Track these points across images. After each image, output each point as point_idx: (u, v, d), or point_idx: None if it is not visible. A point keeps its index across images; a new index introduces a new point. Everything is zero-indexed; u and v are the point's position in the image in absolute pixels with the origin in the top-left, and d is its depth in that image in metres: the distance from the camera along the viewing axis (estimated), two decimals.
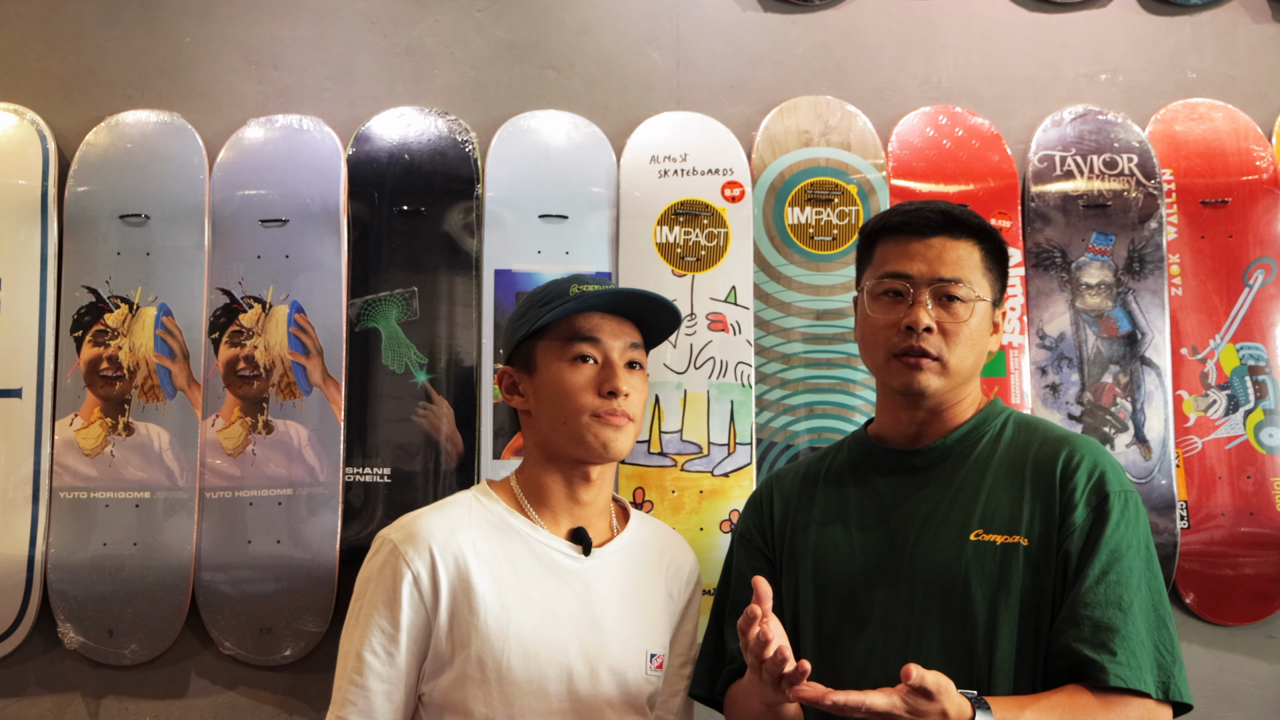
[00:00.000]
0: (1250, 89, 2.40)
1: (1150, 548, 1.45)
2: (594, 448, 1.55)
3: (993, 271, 1.55)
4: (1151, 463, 2.20)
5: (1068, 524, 1.44)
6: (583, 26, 2.39)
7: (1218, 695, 2.22)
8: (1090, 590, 1.39)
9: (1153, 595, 1.42)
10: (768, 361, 2.25)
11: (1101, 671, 1.35)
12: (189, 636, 2.18)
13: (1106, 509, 1.43)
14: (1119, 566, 1.40)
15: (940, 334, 1.50)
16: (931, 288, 1.50)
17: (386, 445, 2.19)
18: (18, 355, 2.19)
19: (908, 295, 1.51)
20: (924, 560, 1.47)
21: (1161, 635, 1.40)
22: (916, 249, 1.52)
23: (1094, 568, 1.40)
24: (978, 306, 1.51)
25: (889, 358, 1.52)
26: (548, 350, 1.58)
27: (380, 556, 1.54)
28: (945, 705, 1.26)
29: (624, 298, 1.61)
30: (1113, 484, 1.45)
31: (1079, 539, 1.43)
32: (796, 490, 1.64)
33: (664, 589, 1.65)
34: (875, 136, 2.33)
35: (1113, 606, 1.38)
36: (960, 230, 1.53)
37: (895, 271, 1.53)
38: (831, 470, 1.64)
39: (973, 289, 1.51)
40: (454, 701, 1.50)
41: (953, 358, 1.50)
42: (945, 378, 1.50)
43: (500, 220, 2.26)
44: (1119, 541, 1.42)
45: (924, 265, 1.51)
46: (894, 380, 1.52)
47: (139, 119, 2.29)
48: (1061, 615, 1.41)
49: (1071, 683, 1.38)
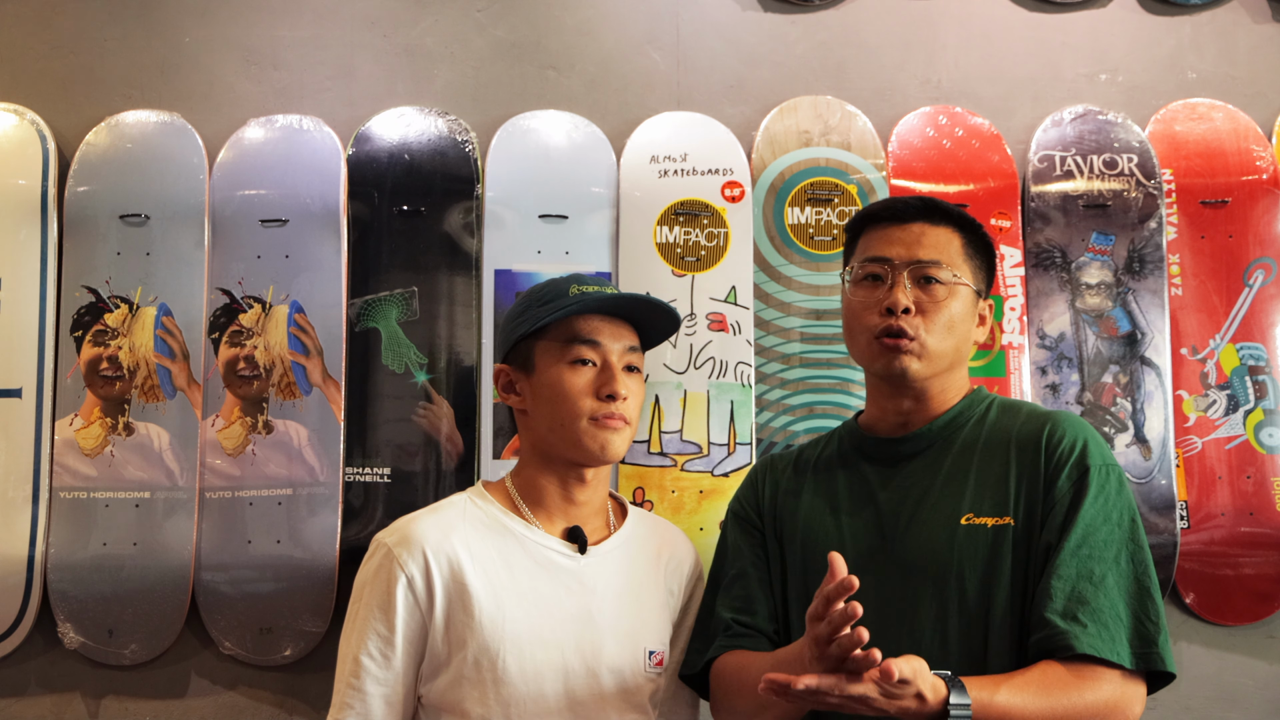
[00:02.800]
0: (1250, 89, 2.40)
1: (1135, 519, 1.45)
2: (592, 451, 1.55)
3: (974, 260, 1.56)
4: (1151, 463, 2.20)
5: (1050, 497, 1.45)
6: (583, 26, 2.39)
7: (1218, 695, 2.22)
8: (1064, 563, 1.40)
9: (1135, 567, 1.42)
10: (767, 361, 2.25)
11: (1073, 641, 1.35)
12: (189, 636, 2.18)
13: (1086, 482, 1.44)
14: (1094, 539, 1.41)
15: (920, 315, 1.51)
16: (910, 269, 1.52)
17: (386, 445, 2.19)
18: (18, 355, 2.19)
19: (887, 278, 1.53)
20: (915, 546, 1.48)
21: (1144, 605, 1.40)
22: (896, 234, 1.55)
23: (1070, 540, 1.40)
24: (958, 290, 1.52)
25: (870, 340, 1.53)
26: (547, 351, 1.58)
27: (375, 560, 1.54)
28: (920, 687, 1.26)
29: (626, 302, 1.62)
30: (1094, 457, 1.46)
31: (1059, 512, 1.43)
32: (789, 476, 1.65)
33: (663, 585, 1.65)
34: (875, 136, 2.33)
35: (1083, 579, 1.39)
36: (939, 217, 1.56)
37: (875, 256, 1.55)
38: (822, 459, 1.64)
39: (952, 272, 1.52)
40: (451, 703, 1.50)
41: (931, 340, 1.50)
42: (925, 361, 1.51)
43: (500, 220, 2.26)
44: (1096, 514, 1.42)
45: (903, 249, 1.53)
46: (875, 364, 1.54)
47: (139, 119, 2.29)
48: (1038, 589, 1.41)
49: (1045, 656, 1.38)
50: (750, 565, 1.62)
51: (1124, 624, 1.38)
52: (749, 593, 1.60)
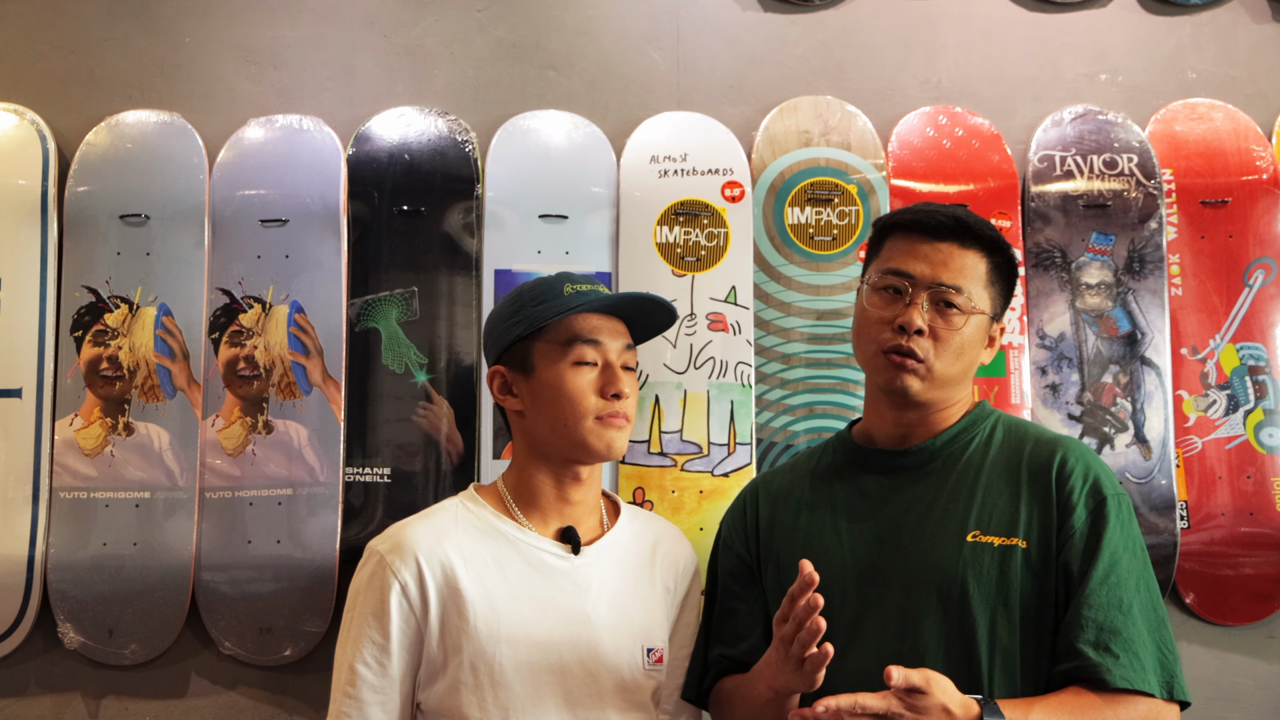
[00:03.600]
0: (1250, 89, 2.40)
1: (1144, 549, 1.47)
2: (597, 449, 1.56)
3: (996, 285, 1.55)
4: (1151, 463, 2.20)
5: (1067, 526, 1.44)
6: (583, 26, 2.39)
7: (1218, 695, 2.22)
8: (1094, 593, 1.40)
9: (1152, 596, 1.44)
10: (768, 361, 2.25)
11: (1106, 673, 1.36)
12: (189, 636, 2.18)
13: (1105, 512, 1.44)
14: (1119, 569, 1.41)
15: (931, 338, 1.50)
16: (930, 291, 1.50)
17: (386, 445, 2.19)
18: (18, 355, 2.19)
19: (906, 294, 1.52)
20: (919, 562, 1.47)
21: (1163, 635, 1.42)
22: (924, 250, 1.52)
23: (1097, 571, 1.41)
24: (973, 319, 1.51)
25: (877, 353, 1.52)
26: (546, 352, 1.58)
27: (368, 568, 1.54)
28: (942, 700, 1.26)
29: (627, 301, 1.61)
30: (1107, 487, 1.46)
31: (1080, 541, 1.43)
32: (782, 495, 1.64)
33: (659, 582, 1.65)
34: (875, 136, 2.33)
35: (1114, 608, 1.39)
36: (970, 239, 1.53)
37: (898, 269, 1.53)
38: (818, 472, 1.64)
39: (971, 300, 1.51)
40: (449, 708, 1.50)
41: (939, 364, 1.50)
42: (928, 383, 1.50)
43: (500, 220, 2.26)
44: (1117, 544, 1.43)
45: (927, 267, 1.51)
46: (878, 376, 1.53)
47: (139, 119, 2.29)
48: (1066, 618, 1.41)
49: (1075, 684, 1.38)
50: (739, 601, 1.63)
51: (1151, 653, 1.39)
52: (737, 629, 1.62)
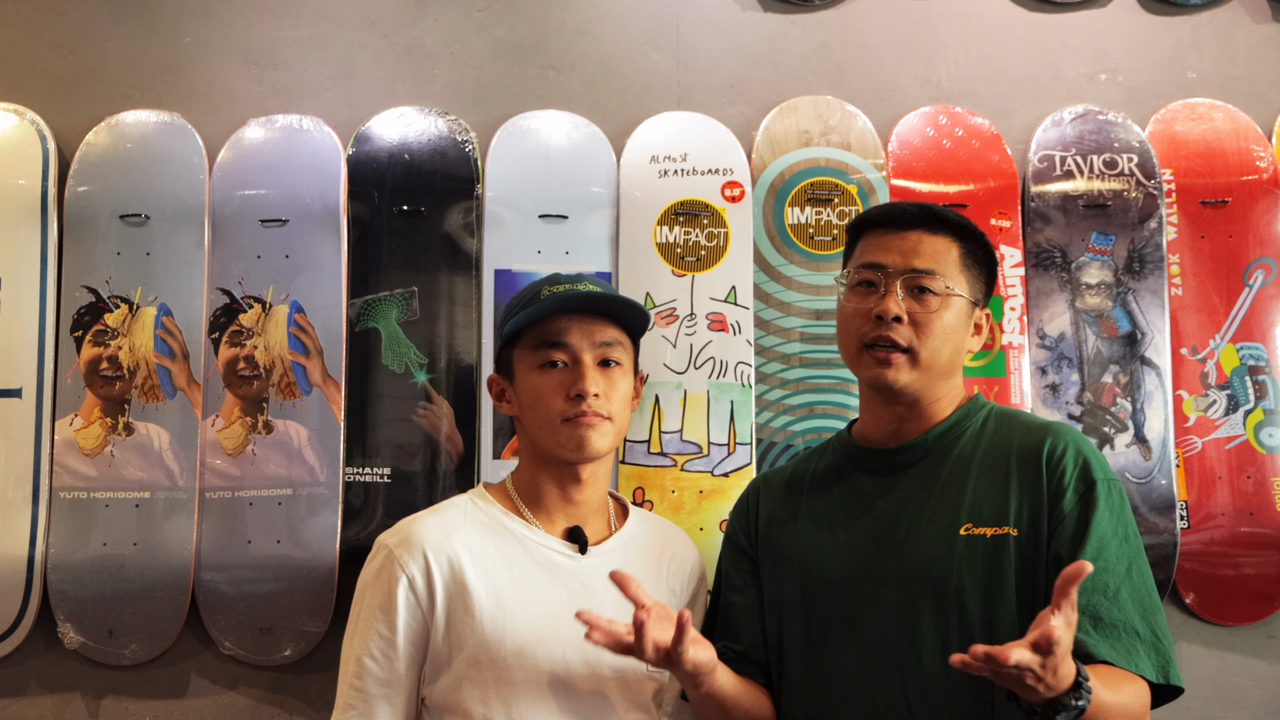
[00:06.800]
0: (1250, 89, 2.40)
1: (1137, 535, 1.46)
2: (569, 450, 1.56)
3: (972, 270, 1.55)
4: (1151, 463, 2.20)
5: (1057, 511, 1.44)
6: (583, 26, 2.39)
7: (1218, 695, 2.22)
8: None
9: (1145, 581, 1.43)
10: (768, 361, 2.25)
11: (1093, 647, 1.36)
12: (189, 636, 2.18)
13: (1094, 496, 1.44)
14: (1107, 554, 1.41)
15: (911, 325, 1.50)
16: (903, 278, 1.51)
17: (386, 445, 2.19)
18: (18, 355, 2.19)
19: (880, 285, 1.53)
20: (914, 557, 1.47)
21: (1156, 620, 1.41)
22: (893, 241, 1.54)
23: (1083, 556, 1.40)
24: (951, 301, 1.51)
25: (860, 349, 1.53)
26: (522, 358, 1.60)
27: (377, 562, 1.55)
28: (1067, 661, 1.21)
29: (588, 300, 1.59)
30: (1097, 472, 1.46)
31: (1069, 526, 1.43)
32: (783, 493, 1.65)
33: (665, 585, 1.65)
34: (875, 136, 2.33)
35: (1098, 594, 1.39)
36: (938, 225, 1.54)
37: (870, 262, 1.54)
38: (816, 473, 1.64)
39: (946, 282, 1.51)
40: (454, 703, 1.50)
41: (924, 350, 1.50)
42: (917, 370, 1.51)
43: (500, 220, 2.26)
44: (1106, 529, 1.42)
45: (898, 256, 1.52)
46: (864, 373, 1.54)
47: (139, 119, 2.29)
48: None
49: None
50: (737, 594, 1.64)
51: (1140, 638, 1.39)
52: (734, 623, 1.62)
